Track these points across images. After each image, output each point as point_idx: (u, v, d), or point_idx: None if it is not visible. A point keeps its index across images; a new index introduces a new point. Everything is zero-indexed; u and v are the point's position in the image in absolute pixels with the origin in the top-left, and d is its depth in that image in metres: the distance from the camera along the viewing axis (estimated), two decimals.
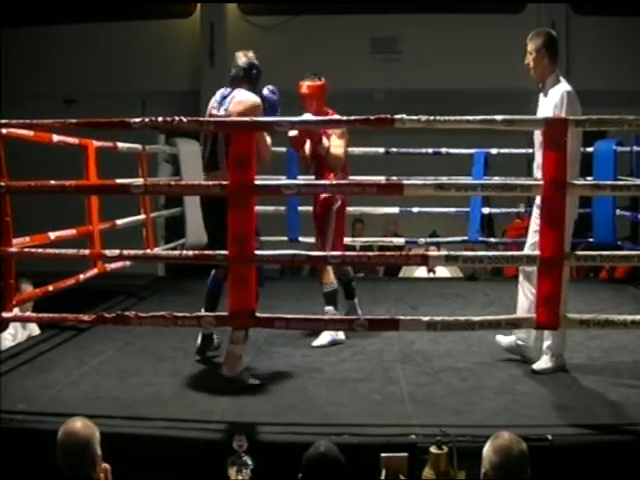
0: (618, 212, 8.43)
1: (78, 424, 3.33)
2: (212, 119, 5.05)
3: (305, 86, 6.09)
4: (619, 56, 11.87)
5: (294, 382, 5.16)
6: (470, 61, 12.49)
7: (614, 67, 11.85)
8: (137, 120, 4.64)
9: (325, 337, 5.95)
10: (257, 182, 4.54)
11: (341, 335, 5.99)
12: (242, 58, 5.51)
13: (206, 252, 4.95)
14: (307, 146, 6.11)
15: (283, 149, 8.69)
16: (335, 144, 5.99)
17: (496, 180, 6.80)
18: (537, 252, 4.49)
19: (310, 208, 6.42)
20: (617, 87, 11.62)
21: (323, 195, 5.93)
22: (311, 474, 3.27)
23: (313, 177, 6.19)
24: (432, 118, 4.43)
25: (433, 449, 3.83)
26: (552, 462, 3.86)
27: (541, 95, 5.26)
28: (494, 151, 9.12)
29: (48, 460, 3.46)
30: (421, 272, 9.89)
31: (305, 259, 5.09)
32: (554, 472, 3.83)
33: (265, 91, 5.47)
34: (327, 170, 6.07)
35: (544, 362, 5.28)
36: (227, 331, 5.13)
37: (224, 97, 5.36)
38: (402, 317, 4.64)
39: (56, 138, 6.19)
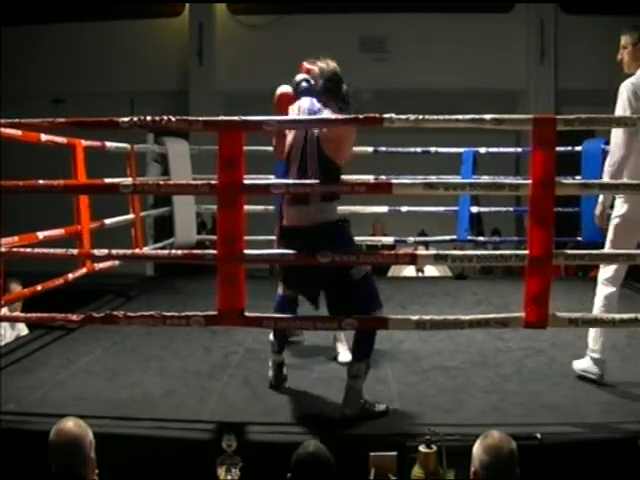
0: (607, 212, 8.43)
1: (70, 424, 3.32)
2: (200, 118, 5.03)
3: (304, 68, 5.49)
4: (608, 55, 11.84)
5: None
6: (459, 60, 12.53)
7: (603, 66, 11.84)
8: (126, 119, 4.63)
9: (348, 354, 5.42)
10: (246, 182, 4.54)
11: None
12: (328, 67, 5.00)
13: (194, 251, 4.94)
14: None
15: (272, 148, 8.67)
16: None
17: (485, 179, 6.82)
18: (526, 251, 4.50)
19: None
20: (606, 86, 11.63)
21: None
22: (300, 474, 3.26)
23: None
24: (421, 117, 4.43)
25: (422, 448, 3.84)
26: (541, 460, 3.87)
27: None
28: (483, 150, 9.13)
29: (37, 460, 3.46)
30: (410, 271, 9.90)
31: (293, 258, 5.07)
32: (543, 470, 3.84)
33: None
34: None
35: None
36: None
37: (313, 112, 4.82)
38: (391, 316, 4.64)
39: (44, 137, 6.17)
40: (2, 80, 12.25)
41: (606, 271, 5.19)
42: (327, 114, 4.72)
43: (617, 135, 5.00)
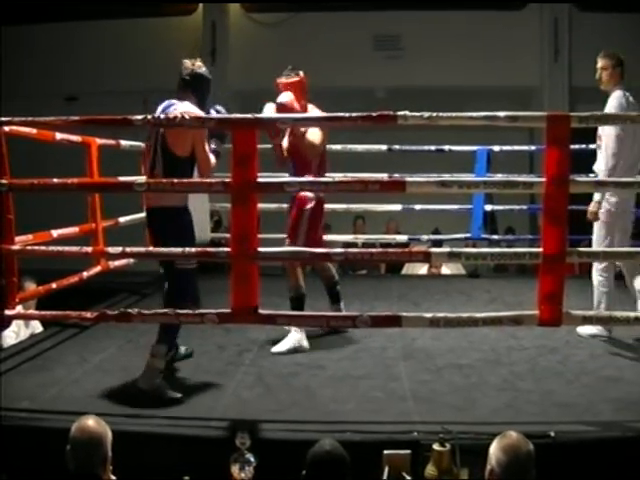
0: None
1: (91, 422, 3.32)
2: (214, 116, 5.04)
3: (281, 84, 5.83)
4: (622, 52, 11.86)
5: (296, 379, 5.16)
6: (472, 58, 12.49)
7: None
8: (139, 117, 4.65)
9: (286, 344, 5.77)
10: (259, 179, 4.55)
11: (305, 343, 5.80)
12: (187, 67, 5.19)
13: (209, 249, 4.94)
14: (285, 139, 6.01)
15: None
16: (312, 131, 5.79)
17: (499, 177, 6.81)
18: (540, 249, 4.49)
19: None
20: None
21: (298, 194, 5.87)
22: (316, 472, 3.27)
23: (287, 174, 6.06)
24: (435, 115, 4.42)
25: (436, 446, 3.84)
26: (554, 459, 3.85)
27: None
28: (497, 148, 9.11)
29: (51, 458, 3.48)
30: (424, 269, 9.88)
31: (308, 256, 5.08)
32: (557, 469, 3.83)
33: (212, 112, 5.13)
34: (304, 166, 5.89)
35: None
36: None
37: (167, 107, 5.11)
38: (404, 314, 4.65)
39: (59, 136, 6.19)
40: (15, 78, 12.28)
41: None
42: (183, 107, 4.97)
43: (609, 145, 5.66)
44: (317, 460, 3.28)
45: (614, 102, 5.82)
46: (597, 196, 5.76)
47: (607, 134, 5.73)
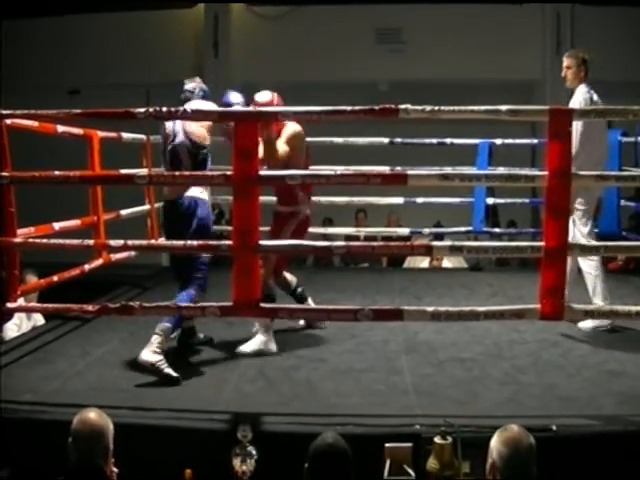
0: (623, 203, 8.41)
1: (92, 414, 3.33)
2: (216, 109, 5.04)
3: (257, 104, 5.67)
4: (625, 46, 11.84)
5: (298, 372, 5.17)
6: (475, 51, 12.47)
7: (620, 57, 11.81)
8: (141, 110, 4.64)
9: (253, 344, 5.66)
10: (261, 173, 4.55)
11: (272, 346, 5.67)
12: (189, 83, 5.61)
13: (210, 242, 4.94)
14: (261, 148, 5.82)
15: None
16: (281, 142, 5.69)
17: (501, 170, 6.80)
18: (542, 243, 4.49)
19: (314, 198, 6.40)
20: (623, 77, 11.59)
21: (281, 209, 5.89)
22: (319, 465, 3.27)
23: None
24: (436, 108, 4.42)
25: (437, 439, 3.84)
26: (556, 453, 3.86)
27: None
28: (498, 141, 9.11)
29: (53, 450, 3.48)
30: (426, 263, 9.88)
31: (309, 249, 5.08)
32: (558, 462, 3.83)
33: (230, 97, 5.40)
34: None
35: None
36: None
37: None
38: (406, 307, 4.65)
39: (61, 129, 6.20)
40: (17, 71, 12.27)
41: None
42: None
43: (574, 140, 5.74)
44: (320, 453, 3.28)
45: (579, 97, 6.07)
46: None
47: (575, 129, 5.80)
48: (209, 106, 5.27)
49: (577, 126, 5.72)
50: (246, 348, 5.63)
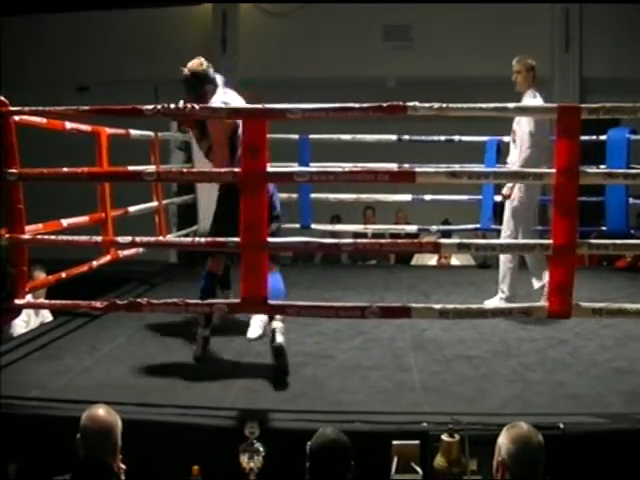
0: (631, 200, 8.40)
1: (101, 411, 3.34)
2: (224, 106, 5.04)
3: None
4: (633, 43, 11.81)
5: (305, 369, 5.16)
6: (483, 49, 12.44)
7: (628, 54, 11.79)
8: (150, 107, 4.65)
9: (257, 328, 5.59)
10: (269, 169, 4.55)
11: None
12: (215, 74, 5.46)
13: (218, 239, 4.94)
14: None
15: (295, 136, 8.71)
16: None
17: (508, 168, 6.79)
18: (550, 240, 4.48)
19: (322, 195, 6.43)
20: (631, 75, 11.57)
21: None
22: (321, 461, 3.27)
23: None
24: (444, 105, 4.42)
25: (445, 437, 3.84)
26: (564, 451, 3.85)
27: None
28: (507, 139, 9.09)
29: (61, 446, 3.48)
30: (434, 260, 9.88)
31: (317, 246, 5.08)
32: (566, 460, 3.83)
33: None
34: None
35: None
36: None
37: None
38: (414, 305, 4.65)
39: (69, 125, 6.20)
40: (26, 68, 12.29)
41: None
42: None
43: (524, 140, 6.35)
44: (321, 449, 3.28)
45: (527, 102, 6.35)
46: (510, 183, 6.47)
47: (522, 130, 6.38)
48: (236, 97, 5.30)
49: (525, 127, 6.25)
50: (253, 334, 5.64)
